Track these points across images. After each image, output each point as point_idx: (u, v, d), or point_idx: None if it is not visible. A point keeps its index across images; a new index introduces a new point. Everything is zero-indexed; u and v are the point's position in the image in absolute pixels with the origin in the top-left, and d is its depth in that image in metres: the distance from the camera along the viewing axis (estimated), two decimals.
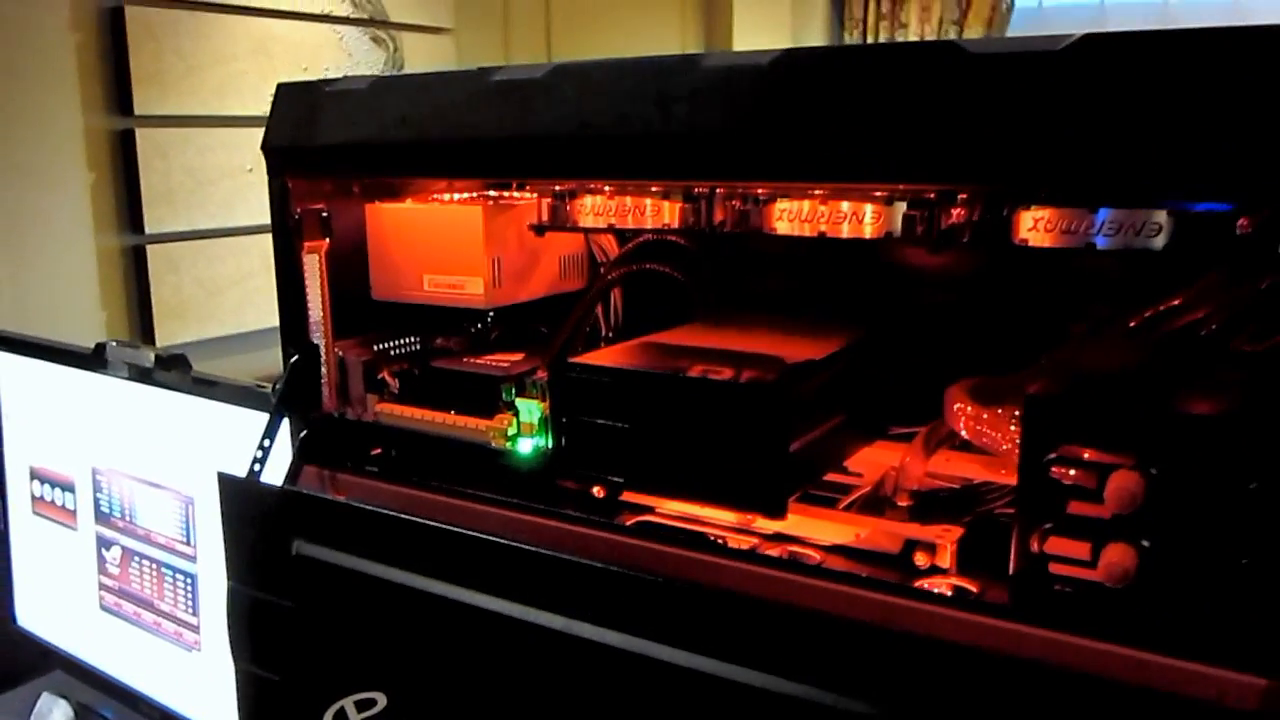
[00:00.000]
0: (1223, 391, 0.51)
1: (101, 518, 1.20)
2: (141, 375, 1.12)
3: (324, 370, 0.76)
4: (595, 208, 0.67)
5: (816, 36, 4.53)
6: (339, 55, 3.13)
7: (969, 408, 0.64)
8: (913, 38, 4.33)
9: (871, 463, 0.72)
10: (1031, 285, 0.73)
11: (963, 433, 0.64)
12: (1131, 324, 0.63)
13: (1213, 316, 0.60)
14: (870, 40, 4.43)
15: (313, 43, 3.05)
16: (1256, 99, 0.43)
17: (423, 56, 3.39)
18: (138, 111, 2.58)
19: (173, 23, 2.67)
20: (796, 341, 0.69)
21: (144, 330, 2.63)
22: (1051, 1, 4.46)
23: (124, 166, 2.60)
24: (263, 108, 0.71)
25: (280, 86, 0.71)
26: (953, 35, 4.27)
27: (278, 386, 0.76)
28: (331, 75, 2.42)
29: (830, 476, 0.70)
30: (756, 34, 4.36)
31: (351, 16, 3.16)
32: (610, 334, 0.81)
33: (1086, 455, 0.51)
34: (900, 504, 0.66)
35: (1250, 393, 0.51)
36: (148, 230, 2.61)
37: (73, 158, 2.48)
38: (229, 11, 2.80)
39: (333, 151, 0.68)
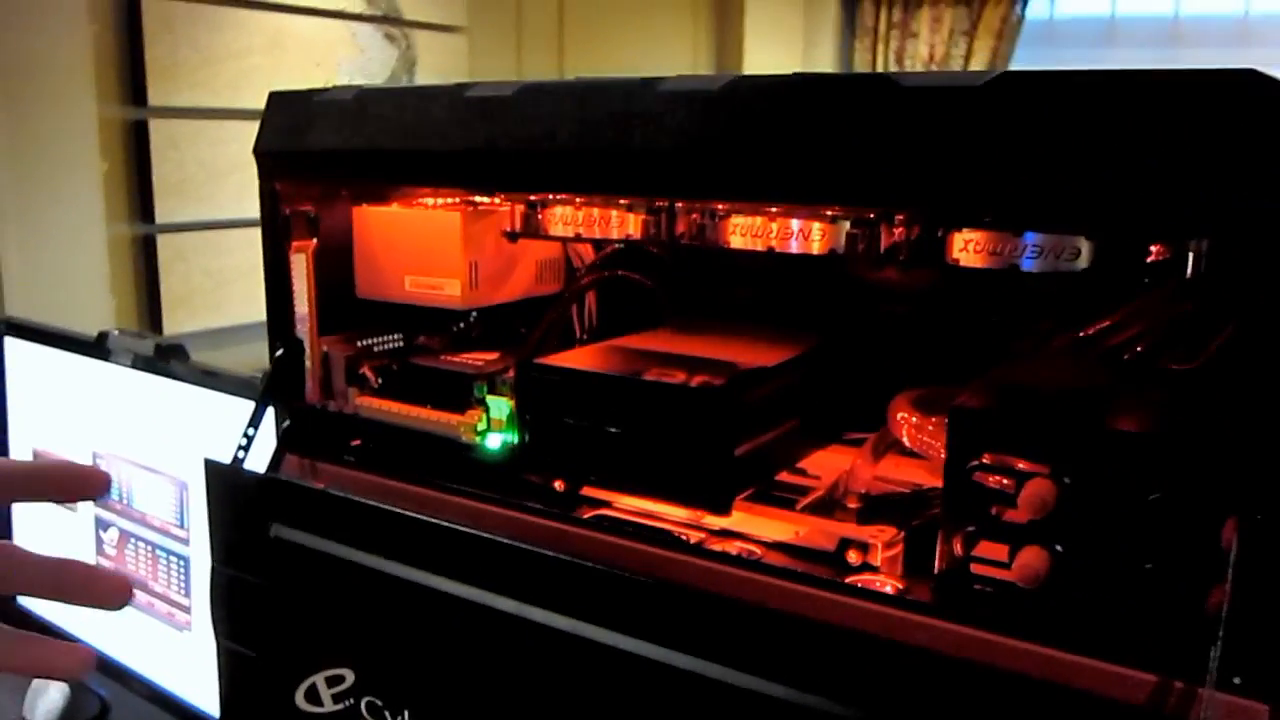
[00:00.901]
0: (1136, 407, 0.54)
1: (100, 500, 1.24)
2: (142, 363, 1.16)
3: (308, 364, 0.80)
4: (564, 217, 0.71)
5: (828, 45, 4.56)
6: (352, 51, 3.18)
7: (912, 417, 0.68)
8: (923, 48, 4.37)
9: (830, 466, 0.75)
10: (988, 302, 0.77)
11: (904, 440, 0.68)
12: (1072, 341, 0.67)
13: (1146, 335, 0.64)
14: (881, 48, 4.47)
15: (326, 39, 3.10)
16: (1154, 140, 0.46)
17: (435, 55, 3.43)
18: (152, 103, 2.63)
19: (189, 15, 2.71)
20: (755, 349, 0.72)
21: (152, 318, 2.67)
22: (1062, 14, 4.49)
23: (137, 157, 2.65)
24: None
25: (272, 95, 0.75)
26: (963, 46, 4.31)
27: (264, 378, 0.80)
28: (344, 71, 2.45)
29: (790, 479, 0.74)
30: (769, 37, 4.40)
31: (365, 14, 3.20)
32: (585, 336, 0.85)
33: (1005, 463, 0.54)
34: (849, 506, 0.69)
35: (1162, 409, 0.54)
36: (158, 220, 2.66)
37: (87, 147, 2.53)
38: (244, 6, 2.84)
39: (318, 158, 0.72)
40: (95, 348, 1.21)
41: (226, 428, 1.04)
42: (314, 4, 3.01)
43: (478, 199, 0.82)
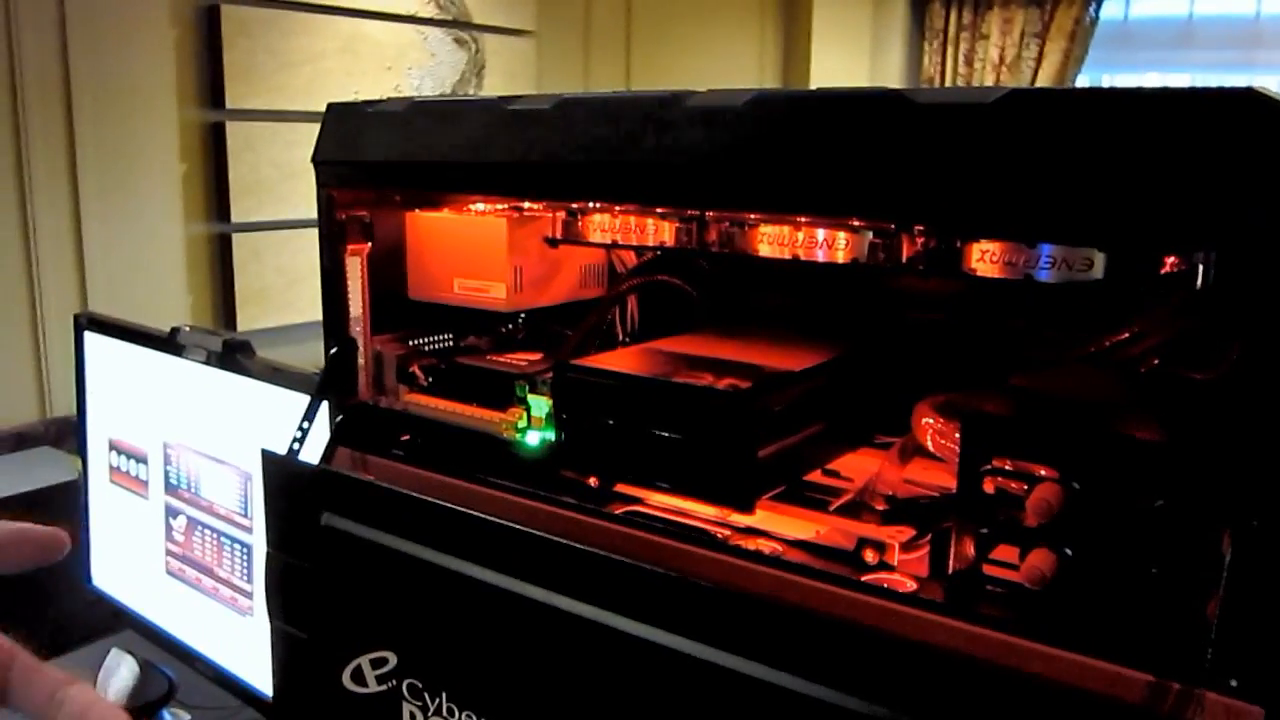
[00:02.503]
0: (1142, 416, 0.56)
1: (170, 489, 1.30)
2: (212, 359, 1.21)
3: (361, 362, 0.84)
4: (602, 225, 0.74)
5: (896, 48, 4.54)
6: (423, 55, 3.24)
7: (936, 422, 0.70)
8: (993, 50, 4.33)
9: (863, 469, 0.77)
10: (1015, 312, 0.78)
11: (928, 445, 0.70)
12: (1090, 350, 0.68)
13: (1160, 347, 0.65)
14: (951, 51, 4.44)
15: (398, 43, 3.16)
16: (1157, 156, 0.48)
17: (504, 58, 3.48)
18: (229, 106, 2.71)
19: (265, 21, 2.79)
20: (786, 354, 0.74)
21: (226, 315, 2.76)
22: (1137, 15, 4.42)
23: (214, 158, 2.73)
24: None
25: (330, 106, 0.79)
26: (1034, 48, 4.26)
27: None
28: (415, 75, 2.50)
29: (824, 480, 0.76)
30: (836, 39, 4.39)
31: (436, 18, 3.26)
32: (626, 338, 0.88)
33: (1015, 468, 0.56)
34: (877, 508, 0.71)
35: (1169, 419, 0.56)
36: (234, 219, 2.74)
37: (166, 149, 2.62)
38: (319, 11, 2.91)
39: (370, 167, 0.76)
40: (168, 343, 1.27)
41: (290, 421, 1.08)
42: (386, 8, 3.08)
43: (525, 205, 0.85)
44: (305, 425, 0.81)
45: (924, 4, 4.49)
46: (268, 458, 0.78)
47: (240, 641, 1.22)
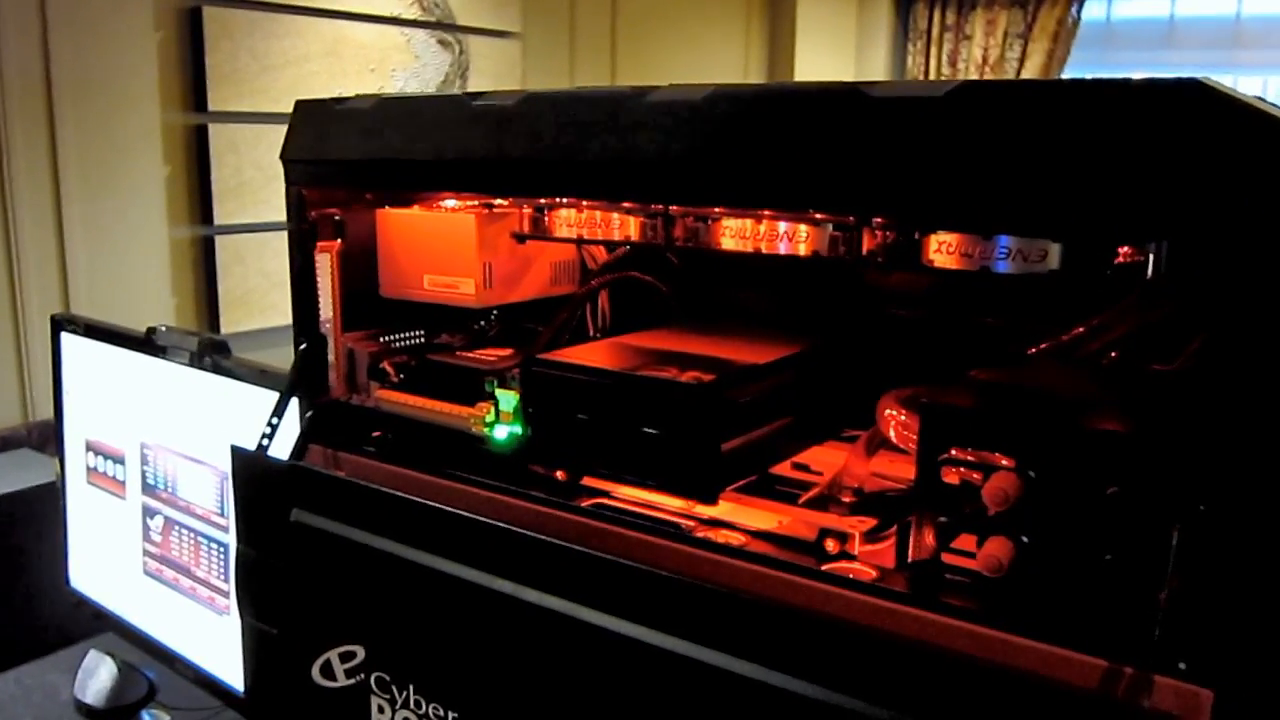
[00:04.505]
0: (1099, 406, 0.56)
1: (148, 489, 1.30)
2: (190, 359, 1.21)
3: (333, 358, 0.84)
4: (568, 220, 0.74)
5: (881, 48, 4.56)
6: (407, 57, 3.24)
7: (900, 415, 0.70)
8: (977, 50, 4.34)
9: (833, 463, 0.78)
10: (984, 305, 0.79)
11: (892, 437, 0.70)
12: (1054, 342, 0.69)
13: (1121, 338, 0.66)
14: (935, 51, 4.45)
15: (382, 44, 3.16)
16: (1105, 147, 0.49)
17: (489, 60, 3.48)
18: (212, 108, 2.70)
19: (248, 23, 2.78)
20: (754, 348, 0.75)
21: (210, 318, 2.75)
22: (1120, 16, 4.44)
23: (197, 160, 2.72)
24: None
25: (298, 103, 0.79)
26: (1017, 49, 4.27)
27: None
28: (399, 76, 2.49)
29: (794, 474, 0.76)
30: (821, 40, 4.41)
31: (420, 19, 3.26)
32: (598, 334, 0.89)
33: (972, 458, 0.57)
34: (844, 500, 0.71)
35: (1125, 409, 0.56)
36: (217, 222, 2.73)
37: (149, 151, 2.61)
38: (302, 13, 2.91)
39: (339, 165, 0.76)
40: (144, 344, 1.27)
41: (264, 419, 1.08)
42: (370, 11, 3.08)
43: (495, 202, 0.85)
44: (274, 421, 0.81)
45: (908, 4, 4.51)
46: (237, 454, 0.78)
47: (219, 641, 1.22)
